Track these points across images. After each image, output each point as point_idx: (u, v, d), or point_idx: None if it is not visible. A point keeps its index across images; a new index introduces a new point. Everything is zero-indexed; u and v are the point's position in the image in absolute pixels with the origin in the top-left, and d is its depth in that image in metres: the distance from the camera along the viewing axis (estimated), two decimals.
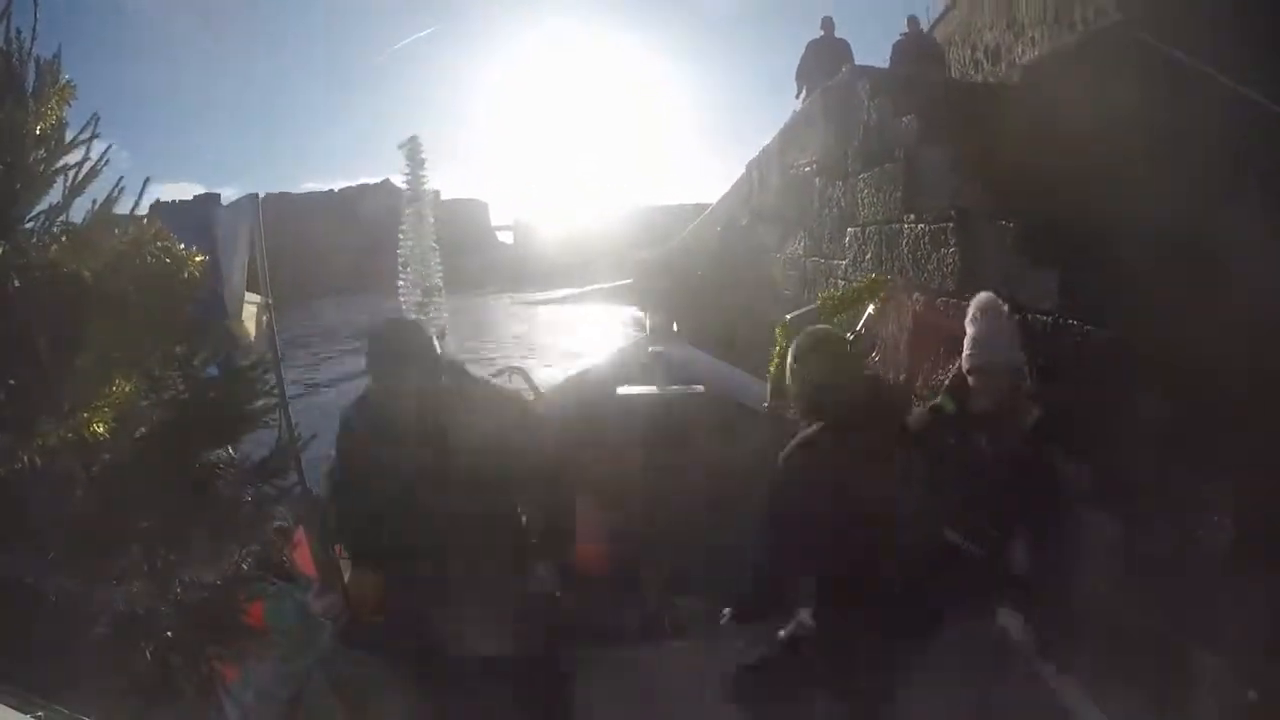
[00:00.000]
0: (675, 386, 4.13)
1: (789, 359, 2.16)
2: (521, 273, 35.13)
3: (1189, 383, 2.31)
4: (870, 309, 4.18)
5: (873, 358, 4.19)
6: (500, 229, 47.78)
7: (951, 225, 3.93)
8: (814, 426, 2.05)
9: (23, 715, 0.82)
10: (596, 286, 26.88)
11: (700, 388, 4.10)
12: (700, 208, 12.82)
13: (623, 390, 4.10)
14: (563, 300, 27.66)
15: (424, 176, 3.69)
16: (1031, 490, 2.08)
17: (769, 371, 4.17)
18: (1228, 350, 2.20)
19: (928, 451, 2.19)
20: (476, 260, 33.27)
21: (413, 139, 3.66)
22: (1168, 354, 2.41)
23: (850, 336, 4.13)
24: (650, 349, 4.58)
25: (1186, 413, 2.30)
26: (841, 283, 5.57)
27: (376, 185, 42.90)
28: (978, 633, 2.48)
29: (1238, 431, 2.15)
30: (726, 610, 2.26)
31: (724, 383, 4.39)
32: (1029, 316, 3.11)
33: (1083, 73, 3.94)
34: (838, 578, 1.96)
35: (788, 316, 4.30)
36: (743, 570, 3.58)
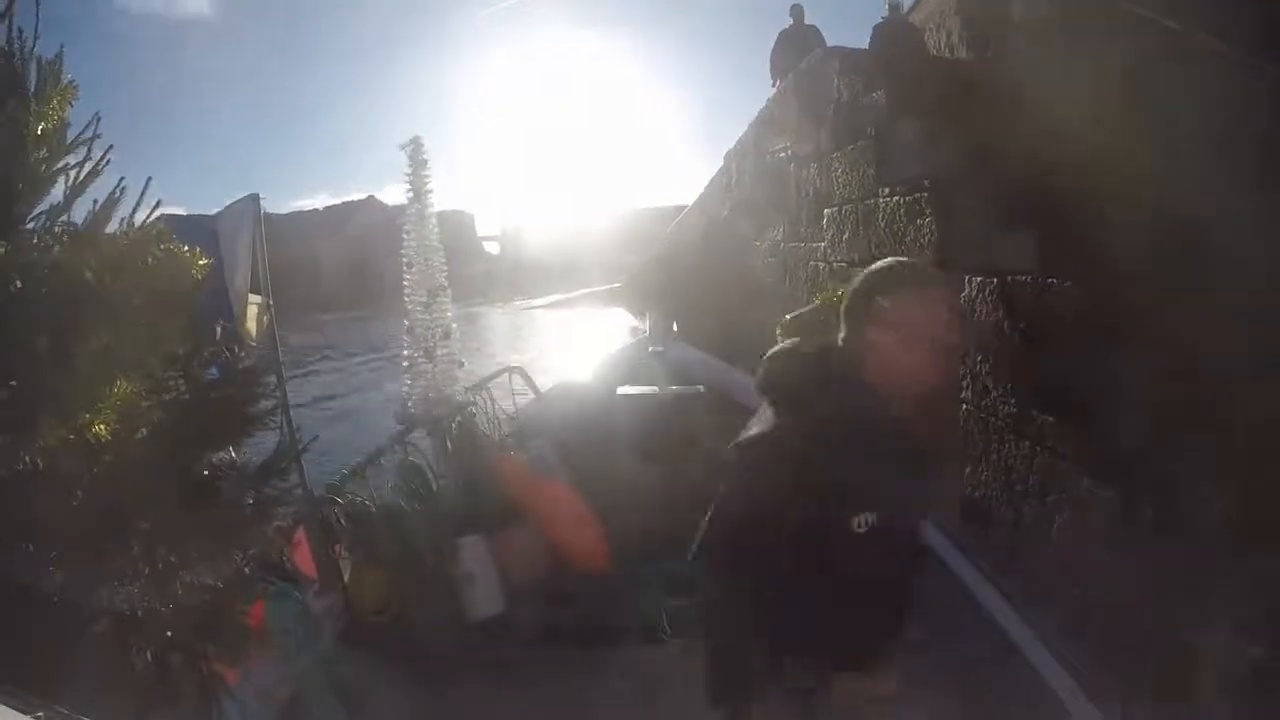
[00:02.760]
0: (675, 386, 4.14)
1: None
2: (509, 281, 35.26)
3: (1176, 344, 2.28)
4: None
5: None
6: (486, 239, 47.95)
7: (925, 195, 3.92)
8: None
9: (22, 715, 0.82)
10: (585, 291, 26.90)
11: (700, 388, 4.11)
12: (685, 208, 12.87)
13: (623, 390, 4.11)
14: (551, 306, 27.65)
15: (426, 177, 3.68)
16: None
17: None
18: (1215, 312, 2.17)
19: None
20: (464, 271, 33.36)
21: (415, 139, 3.66)
22: (1152, 314, 2.38)
23: None
24: (650, 349, 4.59)
25: (1175, 375, 2.27)
26: (821, 265, 5.55)
27: (362, 201, 43.10)
28: (973, 628, 2.49)
29: (1228, 397, 2.12)
30: None
31: (724, 383, 4.40)
32: (1009, 279, 3.10)
33: (1059, 39, 3.90)
34: None
35: (787, 316, 4.31)
36: None
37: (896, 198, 4.25)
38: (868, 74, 4.92)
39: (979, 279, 3.33)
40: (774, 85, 8.46)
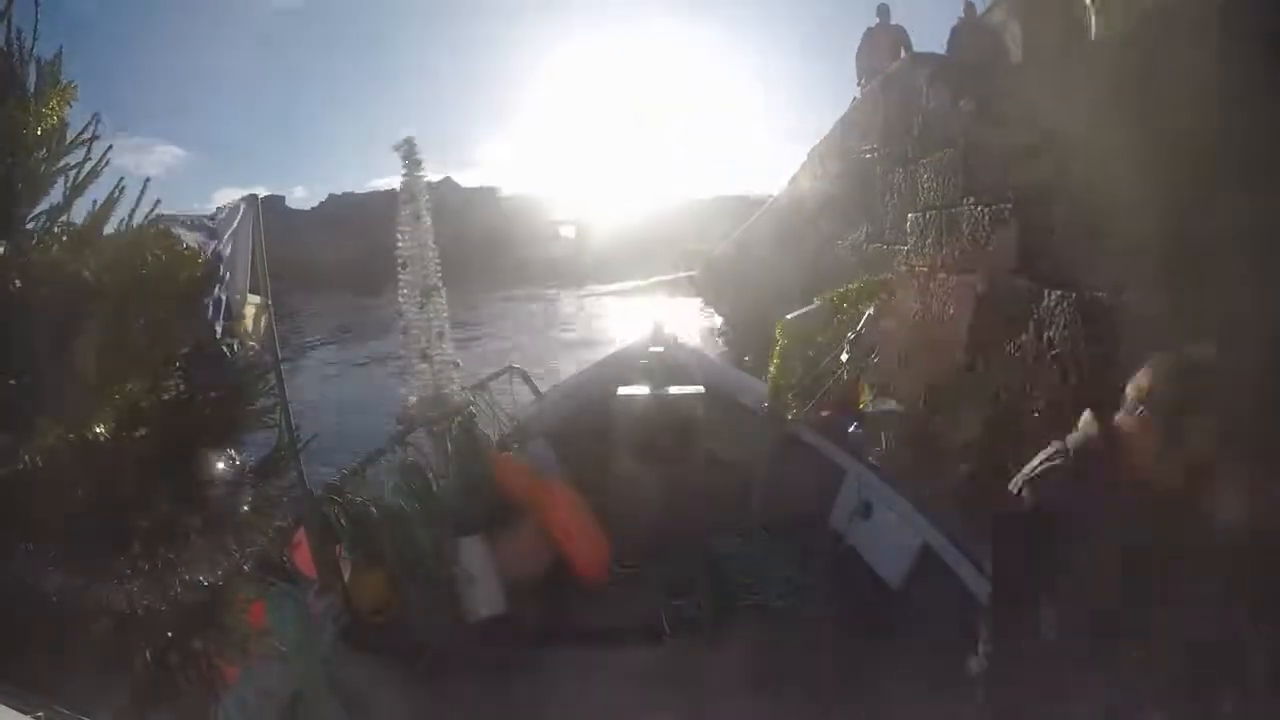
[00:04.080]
0: (675, 386, 4.14)
1: None
2: (583, 267, 35.10)
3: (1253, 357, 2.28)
4: (870, 310, 4.19)
5: (871, 358, 4.20)
6: (562, 224, 47.78)
7: (1009, 206, 3.97)
8: None
9: (22, 715, 0.82)
10: (659, 279, 26.91)
11: (700, 388, 4.12)
12: (761, 200, 12.92)
13: (623, 390, 4.11)
14: (625, 293, 27.68)
15: (421, 176, 3.68)
16: None
17: (769, 372, 4.18)
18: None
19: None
20: (539, 255, 33.71)
21: (408, 140, 3.66)
22: (1230, 326, 2.38)
23: (850, 337, 4.14)
24: (650, 349, 4.59)
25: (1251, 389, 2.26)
26: (904, 269, 5.61)
27: (439, 183, 42.71)
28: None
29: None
30: None
31: (724, 383, 4.40)
32: (1087, 295, 3.13)
33: (1147, 50, 3.92)
34: None
35: (788, 316, 4.31)
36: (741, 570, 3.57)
37: (981, 207, 4.30)
38: (956, 82, 4.98)
39: (1058, 293, 3.37)
40: (859, 84, 8.52)
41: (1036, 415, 3.45)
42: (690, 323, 13.76)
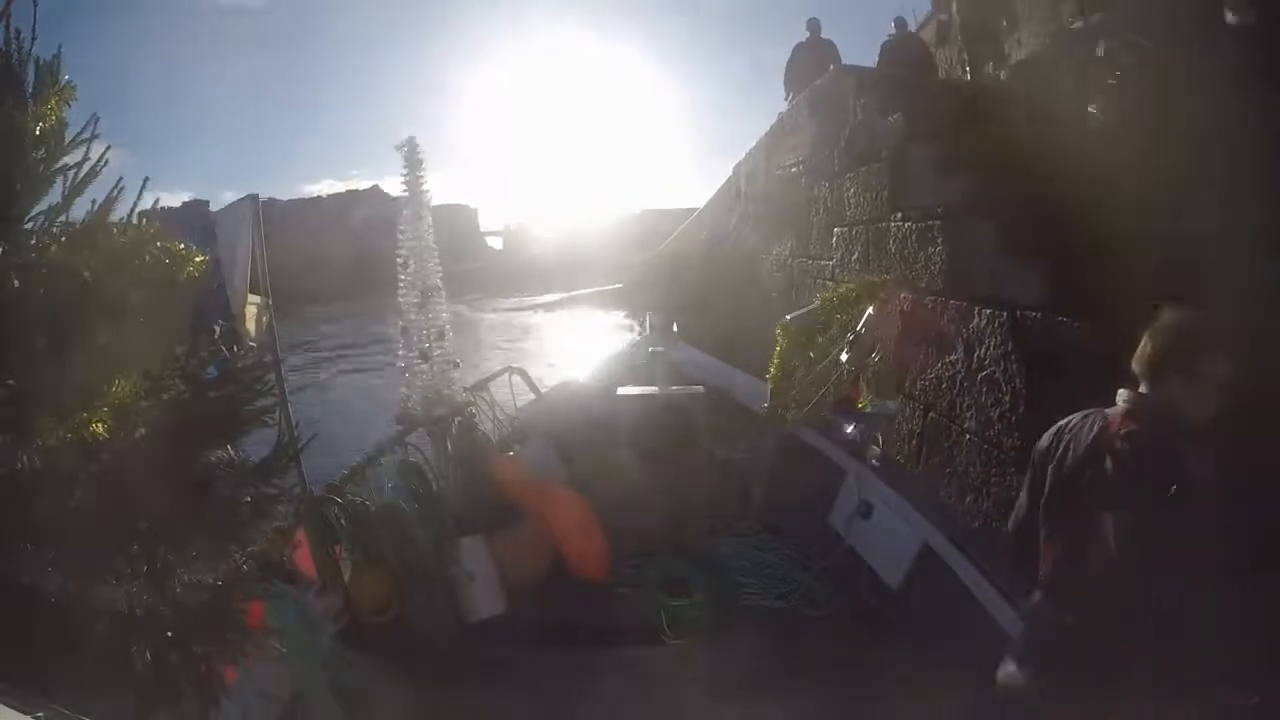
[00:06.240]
0: (675, 386, 4.14)
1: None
2: (511, 278, 35.16)
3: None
4: (870, 310, 4.18)
5: (873, 358, 4.19)
6: (490, 234, 47.62)
7: (938, 223, 3.91)
8: None
9: (23, 715, 0.82)
10: (586, 291, 26.88)
11: (700, 388, 4.12)
12: (691, 211, 12.86)
13: (623, 390, 4.11)
14: (551, 306, 27.55)
15: (422, 177, 3.68)
16: None
17: (769, 372, 4.18)
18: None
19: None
20: (465, 265, 33.33)
21: (410, 140, 3.65)
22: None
23: (850, 337, 4.14)
24: (650, 349, 4.59)
25: None
26: (829, 283, 5.54)
27: (366, 191, 42.73)
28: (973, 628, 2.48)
29: (1235, 434, 2.12)
30: None
31: (724, 383, 4.40)
32: (1019, 313, 3.09)
33: (1071, 70, 3.92)
34: None
35: (787, 317, 4.31)
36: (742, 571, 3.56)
37: (909, 223, 4.24)
38: (884, 95, 4.91)
39: (989, 311, 3.32)
40: (788, 98, 8.45)
41: (967, 436, 3.42)
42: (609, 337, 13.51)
